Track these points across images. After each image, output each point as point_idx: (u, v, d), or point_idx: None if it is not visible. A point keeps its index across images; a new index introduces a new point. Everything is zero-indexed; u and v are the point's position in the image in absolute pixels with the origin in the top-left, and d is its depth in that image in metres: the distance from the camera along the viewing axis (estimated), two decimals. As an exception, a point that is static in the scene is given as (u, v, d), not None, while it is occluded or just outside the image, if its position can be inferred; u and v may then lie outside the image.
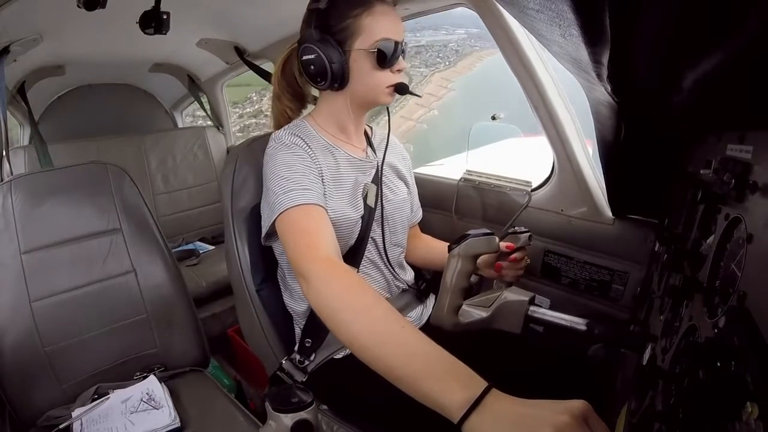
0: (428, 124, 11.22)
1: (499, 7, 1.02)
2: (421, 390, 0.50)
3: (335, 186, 0.88)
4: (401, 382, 0.52)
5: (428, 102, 11.88)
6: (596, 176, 1.13)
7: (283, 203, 0.77)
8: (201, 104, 2.58)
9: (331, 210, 0.85)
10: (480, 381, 0.48)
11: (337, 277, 0.66)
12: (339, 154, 0.91)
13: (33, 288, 1.00)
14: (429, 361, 0.52)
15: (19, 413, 0.96)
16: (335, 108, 0.91)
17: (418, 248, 1.13)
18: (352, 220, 0.89)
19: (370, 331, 0.58)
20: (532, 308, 0.77)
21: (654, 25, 0.34)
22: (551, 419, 0.42)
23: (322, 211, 0.79)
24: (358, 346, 0.58)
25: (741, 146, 0.43)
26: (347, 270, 0.68)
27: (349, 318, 0.60)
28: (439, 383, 0.49)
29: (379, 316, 0.59)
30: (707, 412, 0.32)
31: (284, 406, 0.63)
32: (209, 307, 1.84)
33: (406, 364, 0.53)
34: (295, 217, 0.76)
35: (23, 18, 1.38)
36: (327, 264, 0.68)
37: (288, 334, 0.99)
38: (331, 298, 0.64)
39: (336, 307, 0.63)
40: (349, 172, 0.91)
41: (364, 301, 0.61)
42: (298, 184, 0.79)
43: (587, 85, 0.63)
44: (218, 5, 1.61)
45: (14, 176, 1.08)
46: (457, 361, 0.51)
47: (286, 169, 0.81)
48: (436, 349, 0.53)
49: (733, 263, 0.40)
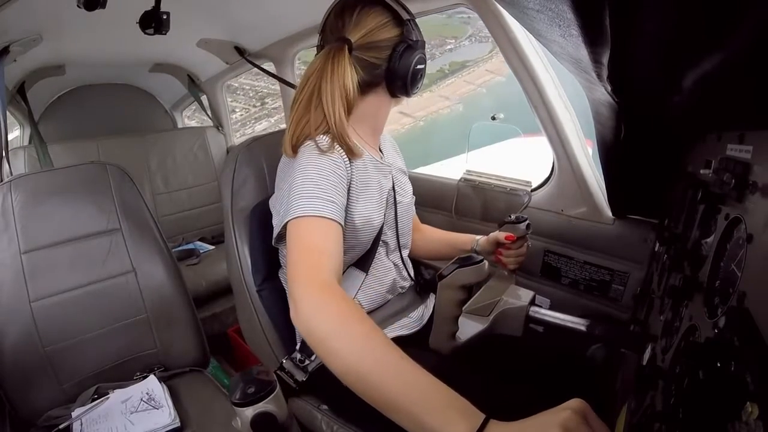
0: (487, 89, 12.42)
1: (499, 7, 1.03)
2: (421, 422, 0.48)
3: (365, 190, 0.86)
4: (398, 413, 0.51)
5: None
6: (596, 176, 1.13)
7: (303, 207, 0.72)
8: (201, 104, 2.58)
9: (359, 215, 0.83)
10: (478, 413, 0.47)
11: (332, 304, 0.61)
12: (367, 157, 0.88)
13: (33, 288, 1.00)
14: (428, 392, 0.50)
15: (19, 413, 0.96)
16: (380, 112, 0.90)
17: (420, 240, 1.13)
18: (375, 226, 0.88)
19: (367, 359, 0.55)
20: (533, 308, 0.77)
21: (654, 25, 0.34)
22: (554, 419, 0.42)
23: (337, 229, 0.74)
24: (353, 375, 0.55)
25: (741, 146, 0.43)
26: (344, 297, 0.63)
27: (344, 345, 0.57)
28: (440, 415, 0.48)
29: (377, 345, 0.56)
30: (707, 412, 0.32)
31: (243, 398, 0.58)
32: (209, 307, 1.84)
33: (405, 394, 0.51)
34: (307, 227, 0.72)
35: (23, 18, 1.38)
36: (322, 289, 0.64)
37: (288, 333, 0.99)
38: (323, 324, 0.59)
39: (329, 334, 0.58)
40: (375, 175, 0.89)
41: (361, 329, 0.58)
42: (326, 193, 0.74)
43: (587, 85, 0.63)
44: (218, 5, 1.61)
45: (14, 176, 1.08)
46: (455, 393, 0.50)
47: (317, 173, 0.76)
48: (435, 381, 0.51)
49: (733, 263, 0.40)
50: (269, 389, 0.60)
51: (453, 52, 14.85)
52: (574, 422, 0.42)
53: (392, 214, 0.95)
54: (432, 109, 14.06)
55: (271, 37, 1.81)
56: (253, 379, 0.62)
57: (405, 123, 13.76)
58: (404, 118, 13.85)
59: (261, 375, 0.64)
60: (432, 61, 17.53)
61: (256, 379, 0.62)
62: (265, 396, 0.59)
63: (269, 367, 0.88)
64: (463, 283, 0.76)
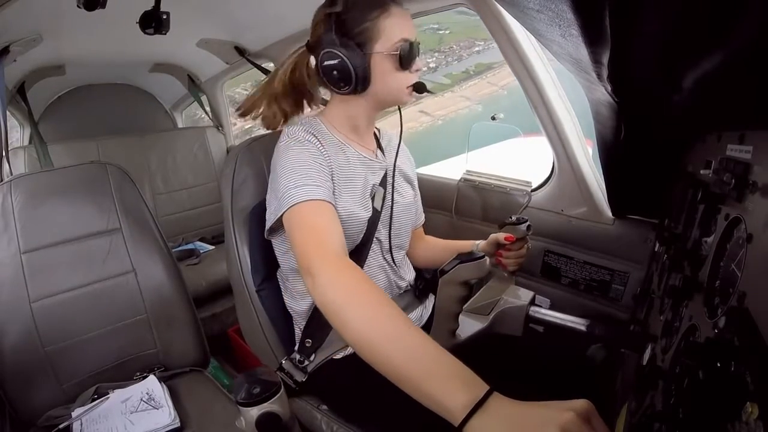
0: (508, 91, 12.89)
1: (499, 7, 1.03)
2: (424, 390, 0.50)
3: (346, 184, 0.88)
4: (404, 382, 0.52)
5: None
6: (596, 176, 1.13)
7: (294, 197, 0.76)
8: (201, 104, 2.58)
9: (341, 208, 0.84)
10: (482, 384, 0.48)
11: (345, 274, 0.65)
12: (350, 152, 0.91)
13: (33, 288, 1.00)
14: (434, 363, 0.52)
15: (19, 413, 0.96)
16: (351, 110, 0.90)
17: (421, 249, 1.13)
18: (362, 220, 0.89)
19: (377, 328, 0.57)
20: (533, 308, 0.77)
21: (654, 25, 0.34)
22: (555, 417, 0.42)
23: (332, 208, 0.78)
24: (363, 343, 0.57)
25: (741, 146, 0.43)
26: (355, 267, 0.67)
27: (357, 315, 0.59)
28: (443, 385, 0.49)
29: (387, 314, 0.58)
30: (707, 412, 0.32)
31: (248, 398, 0.59)
32: (209, 307, 1.84)
33: (412, 364, 0.52)
34: (305, 211, 0.76)
35: (23, 18, 1.38)
36: (335, 261, 0.68)
37: (288, 334, 0.99)
38: (338, 294, 0.63)
39: (343, 304, 0.61)
40: (360, 170, 0.91)
41: (372, 298, 0.61)
42: (311, 179, 0.78)
43: (587, 85, 0.63)
44: (218, 5, 1.61)
45: (14, 176, 1.08)
46: (461, 364, 0.51)
47: (299, 164, 0.80)
48: (441, 351, 0.53)
49: (733, 263, 0.40)
50: (274, 389, 0.61)
51: (481, 54, 15.01)
52: (576, 425, 0.41)
53: (388, 213, 0.95)
54: (452, 109, 14.51)
55: (271, 37, 1.81)
56: (258, 379, 0.63)
57: (423, 121, 14.44)
58: (423, 117, 14.32)
59: (265, 375, 0.64)
60: (459, 62, 17.44)
61: (261, 379, 0.63)
62: (270, 396, 0.60)
63: (272, 369, 0.88)
64: (464, 278, 0.76)
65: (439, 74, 17.18)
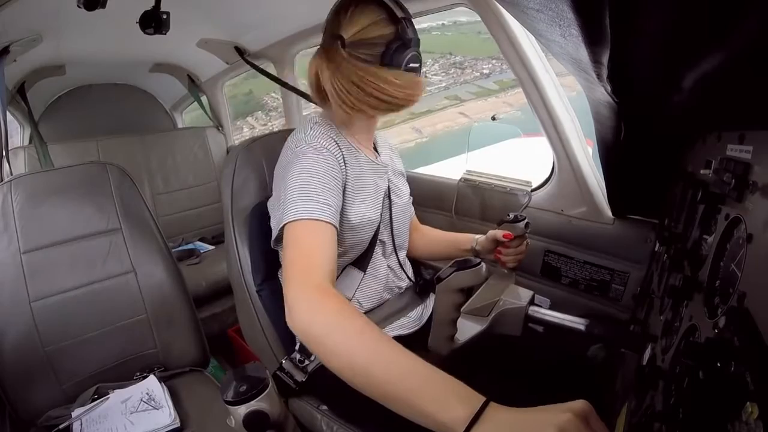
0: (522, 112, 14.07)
1: (499, 7, 1.03)
2: (419, 409, 0.49)
3: (360, 190, 0.87)
4: (398, 403, 0.52)
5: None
6: (596, 176, 1.13)
7: (297, 212, 0.74)
8: (201, 104, 2.58)
9: (355, 214, 0.84)
10: (478, 396, 0.48)
11: (325, 304, 0.62)
12: (361, 157, 0.90)
13: (33, 288, 1.00)
14: (425, 380, 0.51)
15: (19, 413, 0.96)
16: (366, 116, 0.89)
17: (419, 240, 1.13)
18: (374, 225, 0.89)
19: (362, 352, 0.56)
20: (532, 308, 0.77)
21: (654, 25, 0.34)
22: (553, 420, 0.42)
23: (331, 230, 0.75)
24: (350, 370, 0.56)
25: (741, 146, 0.43)
26: (337, 296, 0.64)
27: (340, 341, 0.58)
28: (438, 401, 0.48)
29: (371, 338, 0.57)
30: (707, 412, 0.32)
31: (235, 396, 0.57)
32: (209, 307, 1.84)
33: (402, 383, 0.51)
34: (302, 231, 0.73)
35: (23, 18, 1.38)
36: (316, 291, 0.65)
37: (288, 333, 0.99)
38: (318, 324, 0.60)
39: (323, 334, 0.59)
40: (370, 175, 0.90)
41: (354, 325, 0.59)
42: (318, 194, 0.76)
43: (587, 85, 0.63)
44: (218, 5, 1.61)
45: (14, 176, 1.08)
46: (453, 378, 0.50)
47: (312, 175, 0.77)
48: (430, 368, 0.52)
49: (733, 263, 0.40)
50: (261, 387, 0.59)
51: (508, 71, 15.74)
52: (574, 426, 0.41)
53: (388, 214, 0.95)
54: (491, 113, 15.34)
55: (271, 37, 1.81)
56: (246, 376, 0.62)
57: (461, 122, 15.74)
58: (461, 118, 15.74)
59: (254, 372, 0.63)
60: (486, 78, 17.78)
61: (249, 376, 0.62)
62: (257, 394, 0.59)
63: (263, 364, 0.88)
64: (460, 286, 0.76)
65: (491, 80, 18.12)
